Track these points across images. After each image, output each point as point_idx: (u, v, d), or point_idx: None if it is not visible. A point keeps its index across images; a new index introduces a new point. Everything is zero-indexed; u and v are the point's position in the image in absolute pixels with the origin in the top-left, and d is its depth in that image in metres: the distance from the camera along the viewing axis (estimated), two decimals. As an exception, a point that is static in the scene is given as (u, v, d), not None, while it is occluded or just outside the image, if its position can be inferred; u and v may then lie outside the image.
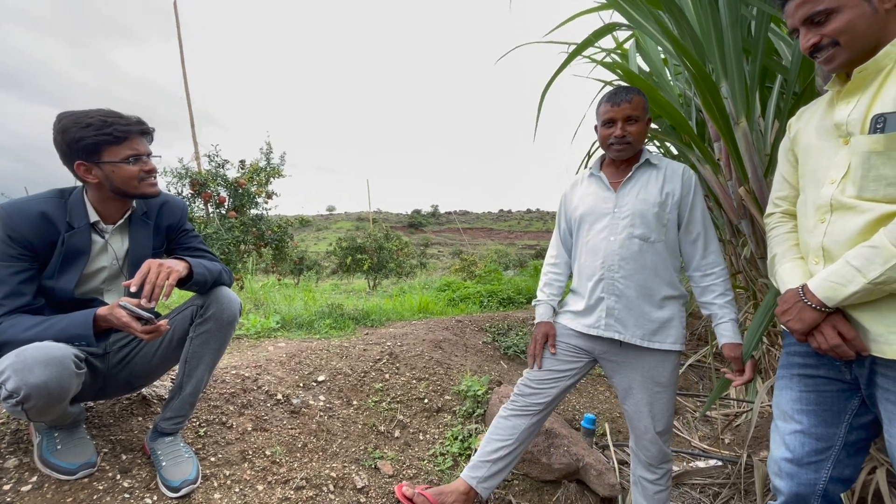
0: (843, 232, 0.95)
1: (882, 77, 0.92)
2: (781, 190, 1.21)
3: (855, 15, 0.91)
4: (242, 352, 2.61)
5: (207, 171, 3.75)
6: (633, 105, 1.46)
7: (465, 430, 2.13)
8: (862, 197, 0.93)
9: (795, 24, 0.98)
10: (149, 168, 1.35)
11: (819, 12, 0.93)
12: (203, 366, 1.47)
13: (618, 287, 1.49)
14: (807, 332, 1.00)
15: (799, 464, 1.05)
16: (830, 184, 0.99)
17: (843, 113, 0.98)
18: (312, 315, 3.34)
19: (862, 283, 0.89)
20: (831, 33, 0.93)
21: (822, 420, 1.04)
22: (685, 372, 3.46)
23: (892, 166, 0.89)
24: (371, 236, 10.34)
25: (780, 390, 1.14)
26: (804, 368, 1.10)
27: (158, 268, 1.23)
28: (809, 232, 1.05)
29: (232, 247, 3.60)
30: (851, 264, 0.90)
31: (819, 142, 1.05)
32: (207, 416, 1.78)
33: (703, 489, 2.10)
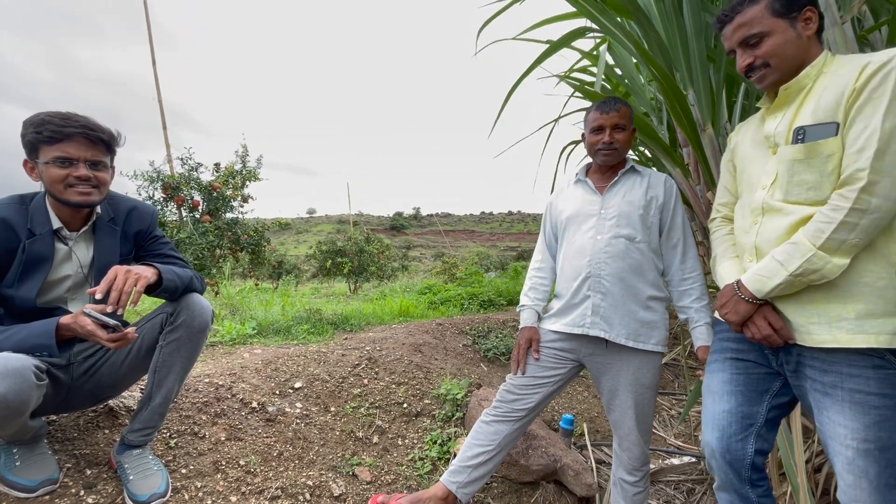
0: (772, 232, 1.07)
1: (803, 94, 1.04)
2: (723, 197, 1.34)
3: (783, 39, 1.03)
4: (217, 359, 2.55)
5: (180, 174, 3.66)
6: (620, 114, 1.55)
7: (444, 434, 2.13)
8: (788, 200, 1.05)
9: (732, 46, 1.11)
10: (80, 174, 1.27)
11: (753, 35, 1.05)
12: (173, 375, 1.43)
13: (604, 285, 1.52)
14: (742, 323, 1.10)
15: (729, 441, 1.14)
16: (762, 189, 1.11)
17: (771, 126, 1.10)
18: (290, 320, 3.29)
19: (784, 276, 0.99)
20: (763, 55, 1.05)
21: (748, 399, 1.15)
22: (662, 370, 3.54)
23: (811, 172, 1.00)
24: (351, 239, 10.25)
25: (713, 373, 1.24)
26: (736, 353, 1.20)
27: (125, 274, 1.20)
28: (745, 232, 1.16)
29: (206, 252, 3.52)
30: (776, 259, 1.02)
31: (753, 152, 1.17)
32: (179, 426, 1.73)
33: (678, 485, 2.15)
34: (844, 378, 0.96)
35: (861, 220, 0.91)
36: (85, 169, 1.29)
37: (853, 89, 0.94)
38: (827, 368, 0.99)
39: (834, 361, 0.98)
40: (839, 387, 0.97)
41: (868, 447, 0.92)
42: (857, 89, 0.93)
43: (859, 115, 0.92)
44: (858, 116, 0.92)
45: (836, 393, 0.97)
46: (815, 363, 1.01)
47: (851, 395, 0.95)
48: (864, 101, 0.92)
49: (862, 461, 0.92)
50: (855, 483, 0.94)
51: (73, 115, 1.28)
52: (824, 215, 0.96)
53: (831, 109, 0.97)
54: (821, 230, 0.95)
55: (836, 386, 0.97)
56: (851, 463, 0.94)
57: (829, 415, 0.98)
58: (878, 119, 0.89)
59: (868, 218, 0.91)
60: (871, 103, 0.91)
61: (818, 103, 1.00)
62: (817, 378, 1.01)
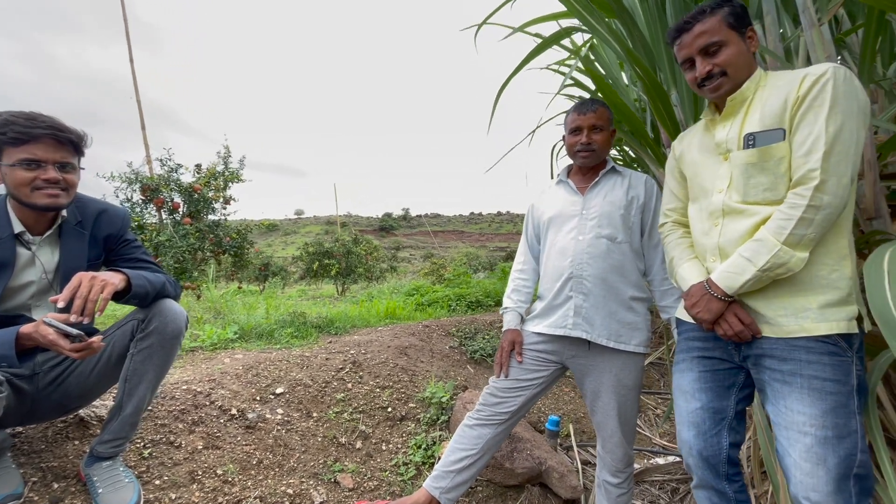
0: (735, 232, 1.12)
1: (746, 105, 1.13)
2: (671, 202, 1.40)
3: (737, 50, 1.11)
4: (196, 365, 2.49)
5: (159, 175, 3.57)
6: (597, 115, 1.56)
7: (429, 438, 2.10)
8: (746, 201, 1.11)
9: (692, 54, 1.15)
10: (48, 177, 1.23)
11: (714, 43, 1.11)
12: (145, 384, 1.38)
13: (586, 285, 1.51)
14: (714, 321, 1.13)
15: (705, 437, 1.19)
16: (718, 193, 1.17)
17: (721, 134, 1.17)
18: (273, 324, 3.23)
19: (753, 271, 1.04)
20: (721, 63, 1.11)
21: (717, 395, 1.20)
22: (647, 370, 3.56)
23: (765, 175, 1.07)
24: (339, 241, 10.16)
25: (682, 372, 1.28)
26: (703, 351, 1.24)
27: (90, 281, 1.15)
28: (706, 234, 1.20)
29: (187, 254, 3.44)
30: (743, 256, 1.06)
31: (703, 158, 1.23)
32: (153, 435, 1.68)
33: (662, 485, 2.16)
34: (803, 365, 1.02)
35: (816, 215, 0.99)
36: (54, 171, 1.24)
37: (796, 97, 1.03)
38: (787, 357, 1.05)
39: (794, 349, 1.04)
40: (798, 374, 1.02)
41: (826, 434, 0.96)
42: (800, 97, 1.02)
43: (803, 121, 1.01)
44: (802, 122, 1.01)
45: (795, 380, 1.03)
46: (776, 352, 1.07)
47: (810, 382, 1.01)
48: (806, 109, 1.01)
49: (820, 449, 0.96)
50: (812, 471, 0.97)
51: (39, 116, 1.23)
52: (783, 213, 1.02)
53: (777, 116, 1.05)
54: (782, 227, 1.01)
55: (795, 373, 1.03)
56: (809, 450, 0.98)
57: (788, 403, 1.03)
58: (821, 124, 0.98)
59: (822, 213, 0.98)
60: (812, 110, 1.00)
61: (763, 112, 1.08)
62: (776, 367, 1.06)
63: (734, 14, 1.11)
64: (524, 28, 2.80)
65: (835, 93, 0.98)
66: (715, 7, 1.12)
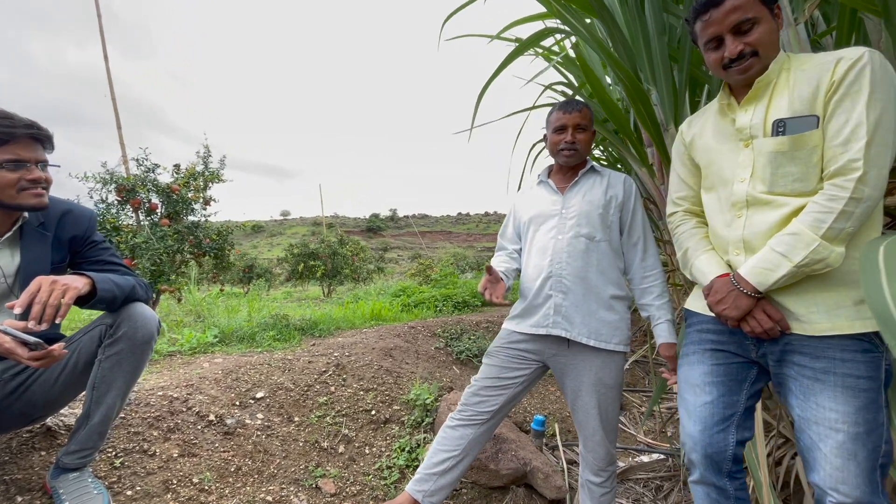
0: (762, 224, 1.05)
1: (771, 88, 1.05)
2: (681, 190, 1.32)
3: (769, 28, 1.02)
4: (174, 370, 2.42)
5: (135, 176, 3.47)
6: (582, 115, 1.55)
7: (413, 441, 2.08)
8: (773, 192, 1.04)
9: (722, 31, 1.05)
10: (33, 177, 1.21)
11: (748, 20, 1.01)
12: (114, 391, 1.33)
13: (565, 284, 1.51)
14: (741, 318, 1.06)
15: (710, 432, 1.13)
16: (741, 182, 1.09)
17: (744, 119, 1.08)
18: (255, 327, 3.17)
19: (789, 267, 0.97)
20: (753, 42, 1.02)
21: (729, 390, 1.15)
22: (632, 368, 3.58)
23: (796, 164, 1.00)
24: (324, 242, 10.06)
25: (691, 365, 1.22)
26: (716, 344, 1.18)
27: (51, 285, 1.09)
28: (727, 226, 1.13)
29: (165, 257, 3.35)
30: (777, 251, 0.99)
31: (718, 145, 1.15)
32: (126, 444, 1.62)
33: (647, 483, 2.16)
34: (837, 364, 0.98)
35: (857, 208, 0.93)
36: (39, 171, 1.23)
37: (831, 82, 0.96)
38: (819, 355, 1.00)
39: (827, 347, 0.99)
40: (832, 372, 0.98)
41: (858, 430, 0.94)
42: (836, 83, 0.95)
43: (839, 108, 0.95)
44: (838, 109, 0.95)
45: (828, 378, 0.98)
46: (806, 350, 1.02)
47: (844, 380, 0.97)
48: (843, 95, 0.94)
49: (852, 444, 0.94)
50: (843, 466, 0.94)
51: (14, 115, 1.20)
52: (822, 206, 0.96)
53: (808, 102, 0.98)
54: (821, 220, 0.95)
55: (828, 371, 0.98)
56: (841, 447, 0.94)
57: (819, 400, 0.99)
58: (860, 111, 0.92)
59: (862, 206, 0.93)
60: (849, 97, 0.94)
61: (792, 96, 1.01)
62: (807, 364, 1.01)
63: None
64: (507, 29, 2.79)
65: (873, 78, 0.92)
66: None
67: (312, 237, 12.10)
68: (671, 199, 1.35)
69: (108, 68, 3.53)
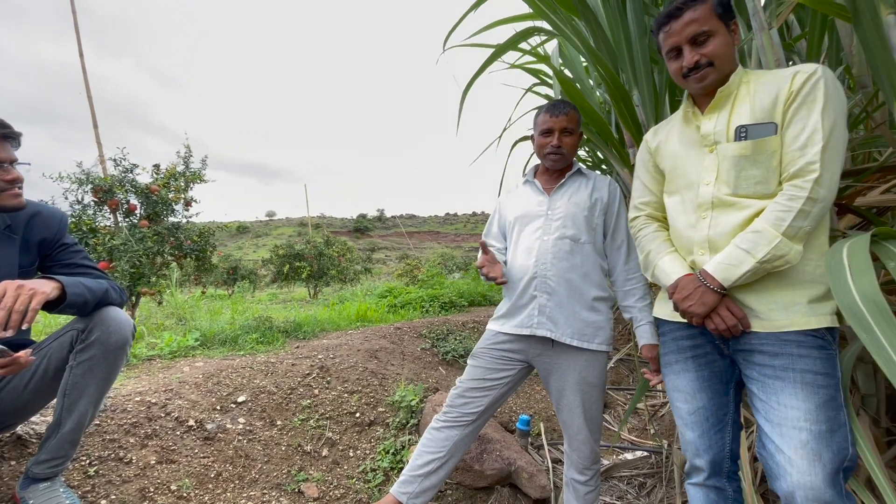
0: (727, 225, 1.10)
1: (732, 98, 1.13)
2: (644, 196, 1.37)
3: (724, 41, 1.10)
4: (153, 375, 2.37)
5: (113, 176, 3.38)
6: (568, 118, 1.56)
7: (398, 443, 2.07)
8: (737, 194, 1.09)
9: (681, 42, 1.13)
10: (10, 177, 1.19)
11: (703, 32, 1.09)
12: (87, 398, 1.29)
13: (549, 285, 1.52)
14: (706, 315, 1.09)
15: (709, 436, 1.18)
16: (706, 185, 1.14)
17: (708, 126, 1.15)
18: (238, 330, 3.12)
19: (752, 263, 1.02)
20: (709, 54, 1.10)
21: (717, 392, 1.19)
22: (616, 366, 3.62)
23: (757, 168, 1.07)
24: (310, 242, 9.95)
25: (677, 374, 1.25)
26: (695, 350, 1.22)
27: (16, 290, 1.06)
28: (692, 227, 1.17)
29: (144, 259, 3.27)
30: (741, 248, 1.04)
31: (685, 151, 1.21)
32: (101, 451, 1.58)
33: (630, 480, 2.19)
34: (795, 359, 1.02)
35: (813, 208, 0.99)
36: (14, 171, 1.21)
37: (789, 92, 1.03)
38: (778, 352, 1.04)
39: (784, 344, 1.03)
40: (791, 368, 1.02)
41: (821, 429, 0.96)
42: (794, 92, 1.02)
43: (797, 116, 1.01)
44: (796, 117, 1.01)
45: (787, 375, 1.02)
46: (766, 347, 1.06)
47: (803, 376, 1.00)
48: (800, 104, 1.01)
49: (815, 444, 0.95)
50: (808, 468, 0.94)
51: None
52: (782, 205, 1.01)
53: (768, 111, 1.05)
54: (781, 218, 1.00)
55: (787, 368, 1.02)
56: (805, 446, 0.95)
57: (781, 398, 1.01)
58: (816, 119, 0.99)
59: (818, 207, 0.99)
60: (806, 105, 1.01)
61: (754, 105, 1.08)
62: (768, 363, 1.05)
63: (722, 4, 1.10)
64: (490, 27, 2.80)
65: (826, 90, 0.99)
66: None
67: (298, 238, 11.96)
68: (634, 204, 1.40)
69: (83, 65, 3.42)
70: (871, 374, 1.44)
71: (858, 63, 1.54)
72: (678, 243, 1.24)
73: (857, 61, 1.55)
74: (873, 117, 1.51)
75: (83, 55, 3.48)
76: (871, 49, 1.08)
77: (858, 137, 1.58)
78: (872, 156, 1.73)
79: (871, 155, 1.74)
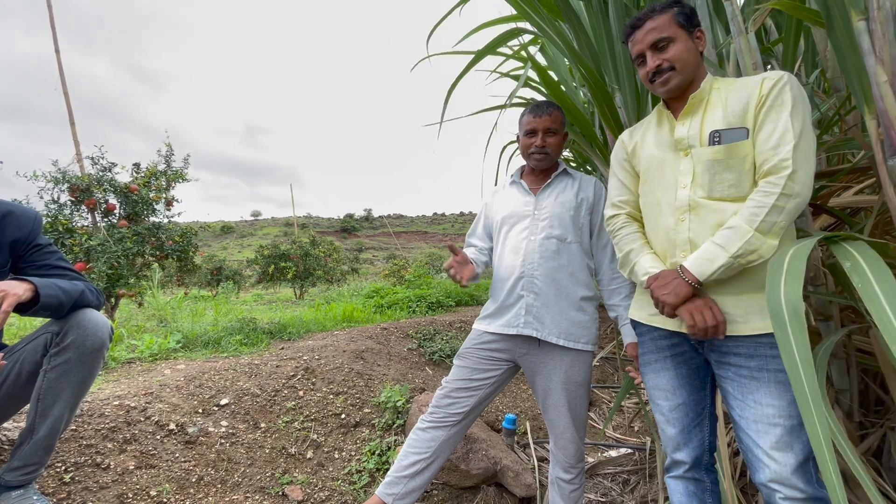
0: (705, 226, 1.14)
1: (704, 103, 1.17)
2: (622, 194, 1.38)
3: (685, 47, 1.16)
4: (132, 378, 2.32)
5: (90, 175, 3.29)
6: (552, 118, 1.57)
7: (384, 444, 2.06)
8: (712, 197, 1.13)
9: (643, 49, 1.19)
10: None
11: (662, 38, 1.16)
12: (62, 403, 1.25)
13: (536, 285, 1.53)
14: (677, 307, 1.12)
15: (689, 431, 1.23)
16: (683, 188, 1.18)
17: (682, 131, 1.19)
18: (221, 331, 3.07)
19: (726, 258, 1.05)
20: (669, 59, 1.16)
21: (695, 388, 1.24)
22: (602, 365, 3.66)
23: (731, 171, 1.10)
24: (296, 243, 9.85)
25: (657, 372, 1.29)
26: (673, 349, 1.25)
27: (-13, 291, 1.03)
28: (672, 229, 1.20)
29: (123, 260, 3.20)
30: (716, 243, 1.07)
31: (661, 154, 1.24)
32: (77, 457, 1.53)
33: (614, 477, 2.21)
34: (769, 360, 1.05)
35: (787, 203, 1.01)
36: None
37: (759, 97, 1.07)
38: (753, 353, 1.08)
39: (759, 346, 1.07)
40: (765, 369, 1.06)
41: (793, 423, 1.01)
42: (763, 97, 1.06)
43: (767, 118, 1.05)
44: (767, 119, 1.05)
45: (762, 375, 1.06)
46: (741, 350, 1.09)
47: (776, 375, 1.04)
48: (769, 107, 1.06)
49: (788, 437, 1.01)
50: (783, 460, 1.01)
51: None
52: (756, 201, 1.04)
53: (740, 116, 1.10)
54: (755, 214, 1.03)
55: (762, 369, 1.06)
56: (780, 440, 1.01)
57: (756, 397, 1.06)
58: (786, 120, 1.03)
59: (792, 202, 1.01)
60: (775, 108, 1.05)
61: (726, 110, 1.12)
62: (743, 364, 1.09)
63: (683, 14, 1.16)
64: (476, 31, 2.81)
65: (793, 95, 1.04)
66: (665, 6, 1.18)
67: (284, 238, 11.84)
68: (611, 202, 1.41)
69: (59, 60, 3.33)
70: (844, 371, 1.48)
71: (832, 67, 1.59)
72: (659, 246, 1.25)
73: (830, 65, 1.60)
74: (846, 120, 1.55)
75: (59, 51, 3.38)
76: (843, 54, 1.12)
77: (832, 139, 1.62)
78: (846, 157, 1.78)
79: (845, 156, 1.79)
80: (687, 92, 1.19)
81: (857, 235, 0.97)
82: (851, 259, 0.89)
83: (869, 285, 0.81)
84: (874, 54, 1.06)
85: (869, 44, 1.07)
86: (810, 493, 0.99)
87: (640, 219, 1.36)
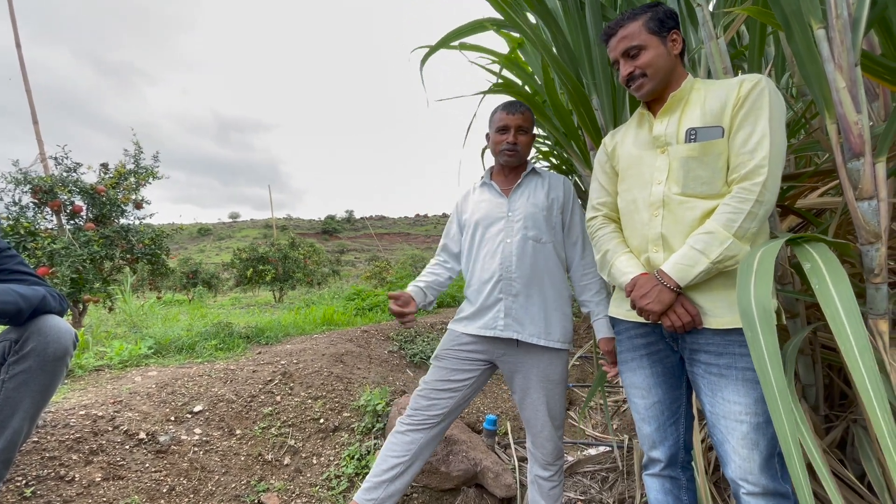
0: (678, 223, 1.16)
1: (683, 103, 1.20)
2: (601, 196, 1.41)
3: (656, 53, 1.18)
4: (100, 386, 2.23)
5: (53, 175, 3.15)
6: (524, 117, 1.59)
7: (363, 448, 2.03)
8: (686, 194, 1.15)
9: (616, 56, 1.23)
10: None
11: (633, 47, 1.18)
12: (21, 413, 1.20)
13: (515, 287, 1.53)
14: (663, 312, 1.13)
15: (664, 429, 1.25)
16: (658, 184, 1.20)
17: (660, 128, 1.21)
18: (195, 336, 2.99)
19: (706, 263, 1.06)
20: (641, 66, 1.18)
21: (670, 386, 1.26)
22: (582, 364, 3.70)
23: (704, 169, 1.12)
24: (275, 245, 9.68)
25: (633, 371, 1.31)
26: (648, 347, 1.27)
27: (-64, 298, 0.97)
28: (645, 225, 1.22)
29: (88, 264, 3.07)
30: (695, 248, 1.08)
31: (639, 152, 1.27)
32: (39, 471, 1.47)
33: (593, 475, 2.24)
34: (737, 358, 1.08)
35: (760, 210, 1.04)
36: None
37: (737, 98, 1.09)
38: (722, 351, 1.10)
39: (728, 343, 1.09)
40: (733, 367, 1.08)
41: (759, 420, 1.03)
42: (741, 98, 1.08)
43: (746, 121, 1.07)
44: (745, 122, 1.07)
45: (730, 373, 1.08)
46: (711, 348, 1.12)
47: (744, 374, 1.06)
48: (748, 110, 1.07)
49: (754, 434, 1.03)
50: (748, 456, 1.04)
51: None
52: (732, 207, 1.06)
53: (717, 116, 1.11)
54: (732, 220, 1.05)
55: (730, 366, 1.08)
56: (745, 437, 1.04)
57: (724, 394, 1.09)
58: (764, 125, 1.04)
59: (763, 209, 1.04)
60: (754, 112, 1.06)
61: (704, 109, 1.14)
62: (712, 362, 1.11)
63: (655, 19, 1.18)
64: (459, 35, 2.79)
65: (770, 100, 1.05)
66: (637, 13, 1.19)
67: (263, 240, 11.61)
68: (591, 204, 1.44)
69: (20, 55, 3.17)
70: (810, 366, 1.53)
71: (793, 67, 1.64)
72: (633, 241, 1.28)
73: (797, 71, 1.65)
74: (811, 123, 1.61)
75: (20, 46, 3.21)
76: (803, 61, 1.15)
77: (799, 142, 1.68)
78: (813, 160, 1.84)
79: (811, 159, 1.85)
80: (666, 92, 1.22)
81: (820, 236, 1.00)
82: (811, 261, 0.92)
83: (826, 287, 0.84)
84: (833, 61, 1.10)
85: (828, 51, 1.10)
86: (772, 488, 1.02)
87: (618, 220, 1.38)
